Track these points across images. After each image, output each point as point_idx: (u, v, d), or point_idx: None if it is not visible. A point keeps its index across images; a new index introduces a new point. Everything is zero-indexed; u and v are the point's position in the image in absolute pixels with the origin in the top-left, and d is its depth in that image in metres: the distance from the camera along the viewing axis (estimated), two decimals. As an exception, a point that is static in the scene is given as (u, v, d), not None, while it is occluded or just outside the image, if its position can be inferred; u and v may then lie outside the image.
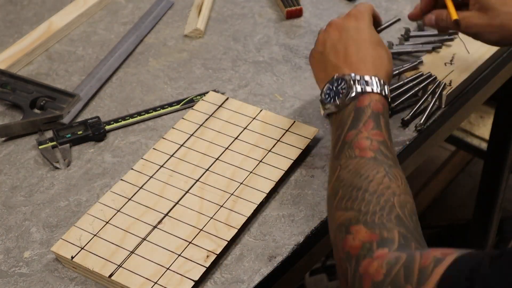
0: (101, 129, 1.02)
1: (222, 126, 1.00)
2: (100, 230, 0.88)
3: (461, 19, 0.94)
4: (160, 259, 0.85)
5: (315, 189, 0.94)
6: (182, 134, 0.99)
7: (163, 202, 0.91)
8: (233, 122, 1.01)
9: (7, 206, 0.94)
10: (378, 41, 0.90)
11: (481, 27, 0.94)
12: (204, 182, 0.93)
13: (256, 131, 0.99)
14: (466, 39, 1.13)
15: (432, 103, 1.04)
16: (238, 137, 0.98)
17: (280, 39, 1.19)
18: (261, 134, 0.99)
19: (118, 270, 0.84)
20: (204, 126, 1.00)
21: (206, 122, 1.01)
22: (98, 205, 0.91)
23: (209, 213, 0.89)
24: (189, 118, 1.01)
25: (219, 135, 0.99)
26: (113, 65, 1.14)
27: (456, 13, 0.95)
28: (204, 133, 0.99)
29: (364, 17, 0.92)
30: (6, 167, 1.00)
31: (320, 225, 0.91)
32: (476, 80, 1.10)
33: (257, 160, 0.95)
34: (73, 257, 0.85)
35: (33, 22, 1.23)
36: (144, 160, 0.96)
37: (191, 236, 0.87)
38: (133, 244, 0.86)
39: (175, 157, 0.96)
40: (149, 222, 0.89)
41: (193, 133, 0.99)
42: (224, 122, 1.01)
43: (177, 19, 1.24)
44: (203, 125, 1.00)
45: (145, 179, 0.94)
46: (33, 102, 1.07)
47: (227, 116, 1.01)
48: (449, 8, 0.96)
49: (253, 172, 0.94)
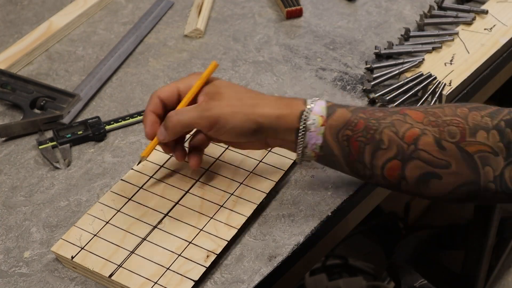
0: (101, 129, 1.02)
1: None
2: (100, 230, 0.88)
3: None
4: (160, 259, 0.85)
5: (315, 189, 0.94)
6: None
7: (163, 202, 0.91)
8: None
9: (7, 206, 0.94)
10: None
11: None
12: (204, 182, 0.93)
13: None
14: (466, 39, 1.13)
15: (432, 103, 1.04)
16: None
17: (280, 39, 1.19)
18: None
19: (118, 270, 0.84)
20: None
21: None
22: (98, 205, 0.91)
23: (209, 213, 0.89)
24: None
25: None
26: (113, 65, 1.14)
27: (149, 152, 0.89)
28: None
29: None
30: (6, 167, 1.00)
31: (320, 225, 0.91)
32: (476, 80, 1.10)
33: (257, 160, 0.95)
34: (73, 257, 0.85)
35: (33, 22, 1.23)
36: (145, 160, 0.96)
37: (191, 236, 0.87)
38: (133, 244, 0.86)
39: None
40: (149, 222, 0.89)
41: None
42: None
43: (177, 19, 1.24)
44: None
45: (145, 179, 0.94)
46: (33, 102, 1.07)
47: None
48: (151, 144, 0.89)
49: (253, 172, 0.94)
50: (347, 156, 0.86)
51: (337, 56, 1.15)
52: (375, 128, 0.85)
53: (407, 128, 0.85)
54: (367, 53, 1.15)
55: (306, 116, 0.86)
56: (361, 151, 0.86)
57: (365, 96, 1.07)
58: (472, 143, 0.84)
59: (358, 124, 0.86)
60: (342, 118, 0.86)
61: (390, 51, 1.12)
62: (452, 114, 0.85)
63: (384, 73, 1.08)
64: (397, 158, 0.85)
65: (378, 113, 0.86)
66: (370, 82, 1.08)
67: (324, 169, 0.97)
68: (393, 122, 0.85)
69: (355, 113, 0.86)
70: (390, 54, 1.13)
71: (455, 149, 0.84)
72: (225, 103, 0.86)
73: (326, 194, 0.94)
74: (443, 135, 0.84)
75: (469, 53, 1.10)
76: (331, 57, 1.15)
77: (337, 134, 0.86)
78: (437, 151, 0.84)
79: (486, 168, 0.84)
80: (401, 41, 1.15)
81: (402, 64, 1.09)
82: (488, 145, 0.83)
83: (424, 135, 0.84)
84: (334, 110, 0.87)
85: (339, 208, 0.93)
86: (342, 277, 1.67)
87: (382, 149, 0.85)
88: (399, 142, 0.84)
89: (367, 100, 1.06)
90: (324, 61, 1.14)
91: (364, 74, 1.11)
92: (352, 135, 0.85)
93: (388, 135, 0.85)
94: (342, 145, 0.86)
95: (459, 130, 0.84)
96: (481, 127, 0.84)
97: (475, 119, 0.84)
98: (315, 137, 0.86)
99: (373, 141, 0.85)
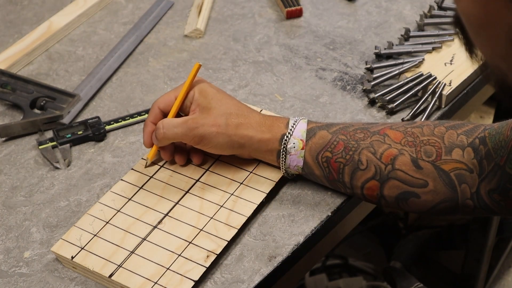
0: (101, 129, 1.02)
1: None
2: (100, 230, 0.88)
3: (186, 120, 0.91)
4: (160, 259, 0.85)
5: (315, 189, 0.94)
6: None
7: (163, 202, 0.91)
8: None
9: (7, 206, 0.94)
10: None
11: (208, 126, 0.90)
12: (204, 182, 0.93)
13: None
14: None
15: (432, 103, 1.04)
16: None
17: (280, 39, 1.19)
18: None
19: (118, 270, 0.84)
20: None
21: None
22: (98, 205, 0.91)
23: (209, 213, 0.89)
24: None
25: None
26: (113, 65, 1.14)
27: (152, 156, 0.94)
28: None
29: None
30: (6, 167, 1.00)
31: (320, 225, 0.91)
32: (476, 80, 1.10)
33: (257, 160, 0.95)
34: (73, 257, 0.85)
35: (33, 22, 1.23)
36: (145, 159, 0.96)
37: (191, 236, 0.87)
38: (133, 244, 0.86)
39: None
40: (149, 222, 0.89)
41: None
42: None
43: (177, 19, 1.24)
44: None
45: (145, 179, 0.94)
46: (33, 102, 1.07)
47: None
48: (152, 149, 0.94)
49: (253, 172, 0.94)
50: (328, 176, 0.90)
51: (337, 56, 1.15)
52: (354, 149, 0.88)
53: (385, 148, 0.87)
54: (367, 53, 1.15)
55: (286, 140, 0.90)
56: (341, 172, 0.89)
57: (365, 96, 1.07)
58: (448, 161, 0.86)
59: (337, 145, 0.89)
60: (322, 140, 0.90)
61: (390, 51, 1.12)
62: (429, 133, 0.88)
63: (384, 73, 1.08)
64: (375, 179, 0.88)
65: (359, 134, 0.89)
66: (370, 82, 1.08)
67: (324, 169, 0.97)
68: (372, 143, 0.88)
69: (336, 135, 0.90)
70: (390, 54, 1.13)
71: (432, 167, 0.86)
72: (211, 121, 0.90)
73: (326, 194, 0.94)
74: (420, 154, 0.86)
75: (469, 53, 1.10)
76: (331, 57, 1.15)
77: (317, 156, 0.90)
78: (414, 171, 0.86)
79: (462, 186, 0.86)
80: (401, 41, 1.15)
81: (402, 64, 1.09)
82: (463, 163, 0.86)
83: (401, 155, 0.87)
84: (315, 132, 0.90)
85: (339, 208, 0.93)
86: (342, 277, 1.67)
87: (360, 169, 0.88)
88: (377, 162, 0.87)
89: (367, 100, 1.06)
90: (324, 61, 1.14)
91: (364, 74, 1.11)
92: (332, 156, 0.89)
93: (366, 156, 0.87)
94: (322, 166, 0.90)
95: (435, 149, 0.86)
96: (457, 145, 0.86)
97: (451, 138, 0.87)
98: (296, 159, 0.90)
99: (352, 161, 0.88)
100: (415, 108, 1.03)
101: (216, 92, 0.92)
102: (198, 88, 0.92)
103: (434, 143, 0.87)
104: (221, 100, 0.92)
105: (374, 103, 1.06)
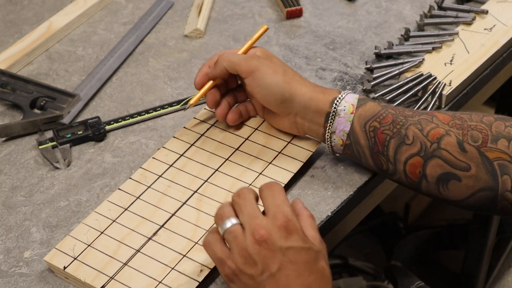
0: (101, 129, 1.02)
1: (223, 136, 0.98)
2: (94, 241, 0.86)
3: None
4: (153, 272, 0.83)
5: (315, 189, 0.94)
6: (182, 144, 0.97)
7: (160, 213, 0.89)
8: (235, 132, 0.99)
9: (7, 206, 0.94)
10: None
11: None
12: (202, 194, 0.91)
13: (258, 143, 0.97)
14: (466, 39, 1.13)
15: (432, 103, 1.04)
16: (239, 148, 0.97)
17: (280, 39, 1.19)
18: (263, 145, 0.97)
19: (110, 282, 0.82)
20: (206, 136, 0.98)
21: (207, 132, 0.99)
22: (94, 214, 0.89)
23: (205, 225, 0.87)
24: (190, 127, 1.00)
25: (220, 146, 0.97)
26: (113, 65, 1.14)
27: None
28: (205, 143, 0.97)
29: (296, 228, 0.76)
30: (6, 167, 1.00)
31: (320, 225, 0.90)
32: (476, 80, 1.10)
33: (257, 172, 0.94)
34: (66, 267, 0.83)
35: (33, 22, 1.23)
36: (143, 169, 0.94)
37: (186, 249, 0.85)
38: (126, 255, 0.85)
39: (174, 167, 0.94)
40: (144, 234, 0.87)
41: (194, 143, 0.97)
42: (225, 132, 0.99)
43: (177, 19, 1.24)
44: (205, 135, 0.98)
45: (143, 189, 0.92)
46: (33, 102, 1.07)
47: (228, 126, 0.99)
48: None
49: (252, 185, 0.92)
50: (372, 147, 0.90)
51: (337, 56, 1.15)
52: (402, 124, 0.89)
53: (433, 127, 0.88)
54: (367, 53, 1.15)
55: (338, 101, 0.90)
56: (386, 144, 0.89)
57: (365, 96, 1.07)
58: (492, 149, 0.86)
59: (386, 117, 0.89)
60: (371, 110, 0.90)
61: (390, 51, 1.12)
62: (477, 120, 0.88)
63: (384, 73, 1.08)
64: (420, 155, 0.87)
65: (408, 111, 0.90)
66: (370, 82, 1.08)
67: (324, 169, 0.97)
68: (420, 120, 0.88)
69: (385, 108, 0.90)
70: (390, 54, 1.13)
71: (476, 153, 0.86)
72: (270, 64, 0.92)
73: (326, 194, 0.94)
74: (466, 137, 0.87)
75: (469, 53, 1.10)
76: (331, 57, 1.15)
77: (365, 124, 0.90)
78: (458, 153, 0.86)
79: (504, 177, 0.86)
80: (401, 41, 1.15)
81: (402, 64, 1.09)
82: (507, 154, 0.86)
83: (447, 136, 0.87)
84: (365, 102, 0.91)
85: (339, 208, 0.93)
86: (342, 277, 1.67)
87: (406, 144, 0.88)
88: (423, 139, 0.87)
89: (367, 100, 1.06)
90: (324, 61, 1.14)
91: (364, 74, 1.11)
92: (379, 127, 0.89)
93: (413, 131, 0.88)
94: (368, 136, 0.90)
95: (481, 135, 0.87)
96: (503, 136, 0.86)
97: (499, 128, 0.87)
98: (344, 123, 0.90)
99: (398, 135, 0.88)
100: (415, 108, 1.03)
101: (276, 56, 0.96)
102: (260, 48, 0.97)
103: (482, 129, 0.87)
104: (280, 61, 0.95)
105: (374, 103, 1.06)
